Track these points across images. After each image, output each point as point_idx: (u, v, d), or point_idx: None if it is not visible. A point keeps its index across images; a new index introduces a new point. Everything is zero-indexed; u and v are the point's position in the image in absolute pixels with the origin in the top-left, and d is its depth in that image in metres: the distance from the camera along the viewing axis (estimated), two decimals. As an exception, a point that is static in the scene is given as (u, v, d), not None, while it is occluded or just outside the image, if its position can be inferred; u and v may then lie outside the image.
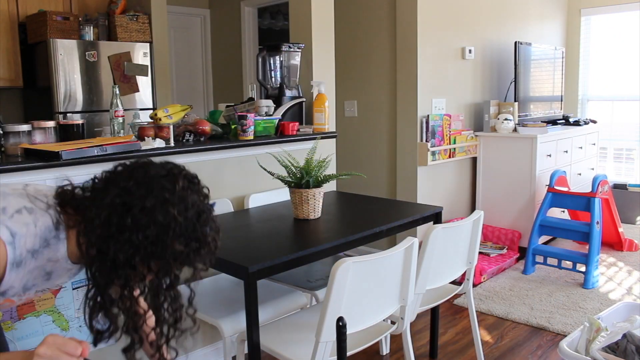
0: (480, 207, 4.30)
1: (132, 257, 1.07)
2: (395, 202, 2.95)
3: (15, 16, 3.86)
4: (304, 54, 3.10)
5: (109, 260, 1.07)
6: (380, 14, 3.98)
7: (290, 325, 2.04)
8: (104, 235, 1.07)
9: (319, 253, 1.98)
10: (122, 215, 1.06)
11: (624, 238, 4.30)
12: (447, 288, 2.38)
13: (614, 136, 5.47)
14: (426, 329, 2.90)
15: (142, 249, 1.07)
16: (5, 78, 3.81)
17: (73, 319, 2.13)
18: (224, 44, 5.38)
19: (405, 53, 3.82)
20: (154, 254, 1.08)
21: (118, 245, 1.06)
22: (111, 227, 1.06)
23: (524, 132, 4.16)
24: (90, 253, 1.09)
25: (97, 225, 1.07)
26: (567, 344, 1.78)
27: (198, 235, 1.10)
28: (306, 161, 2.30)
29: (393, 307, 1.92)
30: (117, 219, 1.06)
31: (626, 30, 5.29)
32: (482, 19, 4.36)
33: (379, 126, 4.09)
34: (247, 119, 2.58)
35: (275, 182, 2.55)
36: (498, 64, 4.58)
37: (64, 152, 1.92)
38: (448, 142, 4.02)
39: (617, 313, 2.03)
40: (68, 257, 1.15)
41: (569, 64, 5.52)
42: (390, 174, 4.07)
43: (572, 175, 4.60)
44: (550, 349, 2.75)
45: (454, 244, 2.22)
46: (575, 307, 3.23)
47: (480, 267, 3.70)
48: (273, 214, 2.51)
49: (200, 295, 2.37)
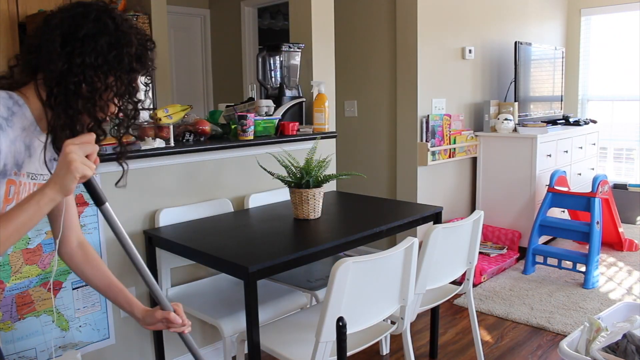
0: (480, 207, 4.30)
1: (93, 78, 1.13)
2: (395, 202, 2.95)
3: (15, 16, 3.85)
4: (304, 54, 3.10)
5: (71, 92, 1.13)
6: (380, 14, 3.98)
7: (290, 325, 2.04)
8: (61, 68, 1.11)
9: (319, 253, 1.98)
10: (74, 35, 1.12)
11: (624, 238, 4.30)
12: (447, 288, 2.38)
13: (614, 136, 5.47)
14: (426, 329, 2.90)
15: (101, 66, 1.13)
16: (5, 78, 3.81)
17: (73, 319, 2.13)
18: (224, 44, 5.38)
19: (405, 53, 3.82)
20: (112, 66, 1.14)
21: (78, 70, 1.12)
22: (67, 55, 1.12)
23: (524, 132, 4.16)
24: (55, 92, 1.13)
25: (51, 60, 1.11)
26: (567, 344, 1.79)
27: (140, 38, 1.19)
28: (306, 161, 2.30)
29: (393, 307, 1.92)
30: (70, 41, 1.12)
31: (626, 30, 5.29)
32: (482, 19, 4.36)
33: (379, 126, 4.09)
34: (247, 119, 2.58)
35: (275, 182, 2.55)
36: (498, 64, 4.58)
37: (63, 152, 1.92)
38: (448, 142, 4.02)
39: (617, 313, 2.03)
40: (37, 124, 1.19)
41: (569, 64, 5.52)
42: (390, 174, 4.07)
43: (572, 175, 4.60)
44: (550, 349, 2.75)
45: (454, 244, 2.22)
46: (575, 307, 3.23)
47: (480, 267, 3.70)
48: (273, 214, 2.51)
49: (200, 296, 2.38)
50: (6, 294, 1.94)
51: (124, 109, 1.21)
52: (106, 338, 2.26)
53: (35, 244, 1.99)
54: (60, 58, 1.11)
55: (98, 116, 1.18)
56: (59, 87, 1.13)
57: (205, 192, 2.57)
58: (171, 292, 2.37)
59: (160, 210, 2.35)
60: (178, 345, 2.46)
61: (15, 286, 1.96)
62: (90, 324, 2.20)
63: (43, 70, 1.14)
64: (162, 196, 2.39)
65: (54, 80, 1.13)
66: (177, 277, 2.44)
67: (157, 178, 2.38)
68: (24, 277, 1.98)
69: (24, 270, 1.97)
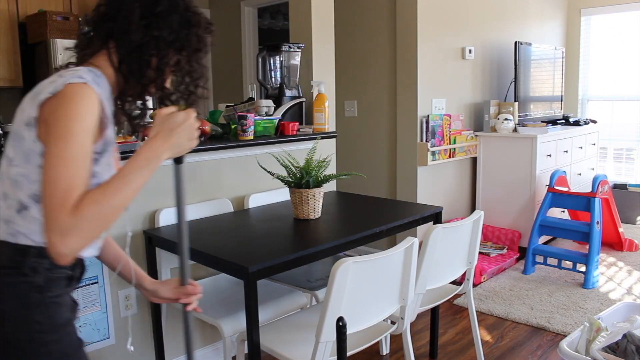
0: (480, 207, 4.30)
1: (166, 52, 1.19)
2: (395, 202, 2.95)
3: (15, 16, 3.86)
4: (304, 54, 3.10)
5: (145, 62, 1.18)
6: (380, 14, 3.98)
7: (290, 325, 2.04)
8: (140, 39, 1.16)
9: (319, 253, 1.98)
10: (151, 9, 1.17)
11: (624, 238, 4.30)
12: (447, 288, 2.38)
13: (614, 136, 5.47)
14: (426, 329, 2.90)
15: (173, 42, 1.19)
16: (5, 78, 3.81)
17: (73, 319, 2.13)
18: (224, 44, 5.38)
19: (405, 53, 3.82)
20: (182, 44, 1.21)
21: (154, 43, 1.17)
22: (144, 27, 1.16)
23: (524, 132, 4.16)
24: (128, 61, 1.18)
25: (130, 30, 1.16)
26: (567, 344, 1.79)
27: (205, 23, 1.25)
28: (306, 161, 2.30)
29: (393, 307, 1.92)
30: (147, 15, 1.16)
31: (626, 30, 5.29)
32: (482, 19, 4.36)
33: (379, 126, 4.09)
34: (247, 119, 2.58)
35: (275, 182, 2.55)
36: (498, 64, 4.58)
37: (64, 152, 1.92)
38: (448, 142, 4.02)
39: (617, 313, 2.03)
40: (111, 92, 1.23)
41: (569, 64, 5.52)
42: (390, 174, 4.07)
43: (572, 175, 4.60)
44: (550, 349, 2.75)
45: (454, 244, 2.22)
46: (575, 307, 3.23)
47: (480, 267, 3.70)
48: (273, 214, 2.51)
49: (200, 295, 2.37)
50: (6, 294, 1.94)
51: (183, 87, 1.26)
52: (106, 338, 2.26)
53: (35, 244, 1.98)
54: (139, 30, 1.16)
55: (164, 88, 1.25)
56: (132, 57, 1.18)
57: (205, 192, 2.57)
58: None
59: (160, 210, 2.35)
60: (178, 346, 2.47)
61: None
62: (90, 324, 2.20)
63: (117, 39, 1.17)
64: (162, 196, 2.38)
65: (129, 50, 1.17)
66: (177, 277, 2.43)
67: (157, 178, 2.36)
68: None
69: (24, 270, 1.97)
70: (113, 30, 1.17)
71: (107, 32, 1.18)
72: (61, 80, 1.08)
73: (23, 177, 1.10)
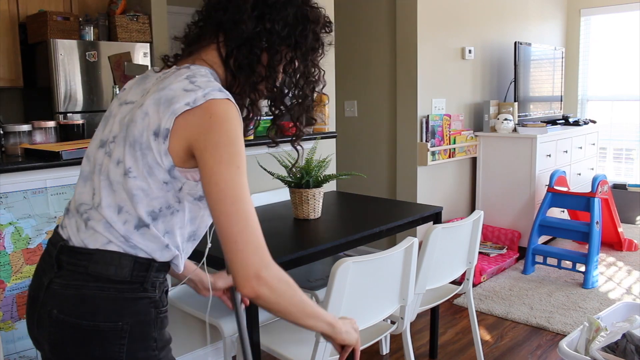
0: (480, 207, 4.31)
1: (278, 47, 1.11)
2: (395, 202, 2.95)
3: (15, 16, 3.86)
4: (304, 54, 3.10)
5: (255, 57, 1.10)
6: (380, 14, 3.98)
7: (291, 325, 2.03)
8: (251, 30, 1.09)
9: (319, 253, 1.98)
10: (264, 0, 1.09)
11: (623, 238, 4.30)
12: (447, 288, 2.38)
13: (614, 136, 5.48)
14: (426, 328, 2.90)
15: (287, 37, 1.10)
16: (5, 78, 3.81)
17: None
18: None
19: (405, 53, 3.82)
20: (297, 40, 1.12)
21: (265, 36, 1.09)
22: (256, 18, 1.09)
23: (523, 132, 4.16)
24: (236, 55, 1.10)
25: (241, 20, 1.08)
26: (567, 344, 1.79)
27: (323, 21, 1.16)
28: (306, 161, 2.30)
29: (393, 307, 1.92)
30: (259, 5, 1.09)
31: (626, 30, 5.29)
32: (482, 19, 4.37)
33: (379, 126, 4.10)
34: (247, 119, 2.57)
35: (275, 182, 2.55)
36: (498, 64, 4.58)
37: (64, 152, 1.92)
38: (448, 142, 4.02)
39: (617, 313, 2.03)
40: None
41: (569, 64, 5.52)
42: (390, 174, 4.08)
43: (572, 175, 4.60)
44: (550, 349, 2.76)
45: (454, 244, 2.22)
46: (574, 307, 3.23)
47: (480, 267, 3.70)
48: (273, 214, 2.51)
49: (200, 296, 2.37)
50: (7, 294, 1.94)
51: (298, 91, 1.18)
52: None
53: (36, 244, 1.99)
54: (251, 20, 1.08)
55: (276, 88, 1.16)
56: (241, 50, 1.09)
57: (206, 192, 2.56)
58: (171, 292, 2.37)
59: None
60: (178, 346, 2.46)
61: (15, 286, 1.96)
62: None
63: (227, 30, 1.10)
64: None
65: (239, 43, 1.09)
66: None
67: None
68: (25, 277, 1.98)
69: (25, 270, 1.98)
70: (223, 21, 1.10)
71: (217, 23, 1.11)
72: (200, 92, 1.01)
73: (142, 191, 1.03)
